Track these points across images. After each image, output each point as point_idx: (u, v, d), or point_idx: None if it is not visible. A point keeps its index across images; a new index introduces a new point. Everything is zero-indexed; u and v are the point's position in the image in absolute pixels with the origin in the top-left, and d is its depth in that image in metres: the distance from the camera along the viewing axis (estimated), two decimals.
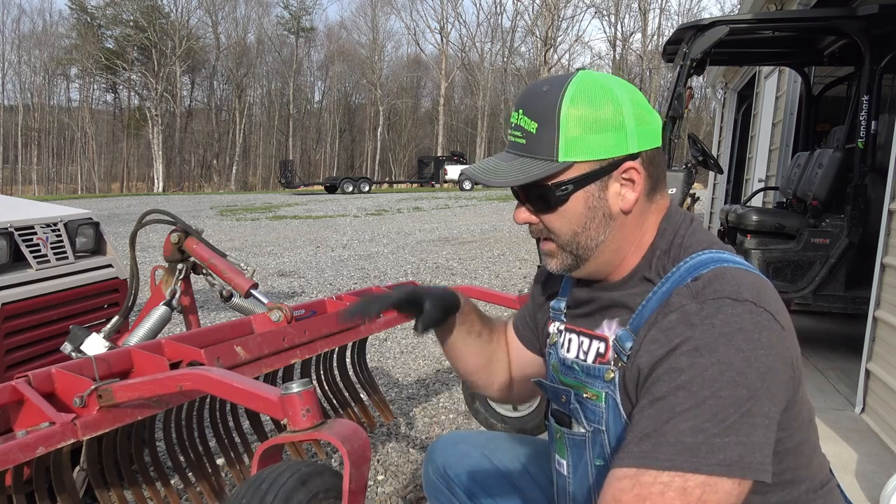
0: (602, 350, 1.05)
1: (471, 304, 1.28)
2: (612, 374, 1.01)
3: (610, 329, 1.05)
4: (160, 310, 2.31)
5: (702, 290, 0.91)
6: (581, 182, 0.98)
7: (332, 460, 2.66)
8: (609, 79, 1.01)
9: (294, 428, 1.06)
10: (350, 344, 2.73)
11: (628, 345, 0.99)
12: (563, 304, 1.19)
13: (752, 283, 0.92)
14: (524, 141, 0.99)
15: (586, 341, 1.09)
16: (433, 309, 1.16)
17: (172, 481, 2.12)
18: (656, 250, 1.03)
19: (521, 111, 1.00)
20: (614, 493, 0.85)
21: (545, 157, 0.98)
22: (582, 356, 1.09)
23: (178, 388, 1.37)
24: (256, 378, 1.87)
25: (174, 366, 1.69)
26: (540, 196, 1.01)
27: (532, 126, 0.98)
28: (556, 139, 0.97)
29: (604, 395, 1.02)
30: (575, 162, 0.97)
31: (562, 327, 1.18)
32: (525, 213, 1.05)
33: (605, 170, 0.99)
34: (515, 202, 1.08)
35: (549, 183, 0.99)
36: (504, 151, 1.04)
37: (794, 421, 0.95)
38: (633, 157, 0.99)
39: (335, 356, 2.75)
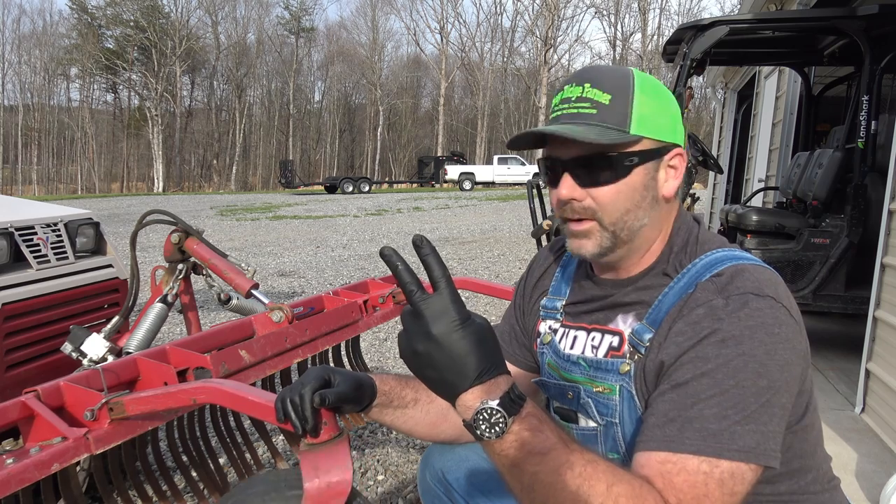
0: (616, 344, 1.07)
1: (390, 379, 1.17)
2: (627, 367, 1.03)
3: (626, 323, 1.07)
4: (157, 307, 2.31)
5: (726, 286, 0.96)
6: (645, 157, 1.02)
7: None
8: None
9: (309, 442, 1.07)
10: (344, 343, 2.72)
11: (646, 336, 1.01)
12: (559, 303, 1.19)
13: (770, 280, 0.97)
14: (595, 111, 1.00)
15: (598, 336, 1.10)
16: (345, 383, 1.05)
17: (175, 478, 2.12)
18: (673, 246, 1.07)
19: (586, 85, 1.01)
20: (645, 474, 0.87)
21: (617, 127, 1.00)
22: (591, 352, 1.10)
23: (191, 401, 1.35)
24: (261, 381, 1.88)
25: (180, 372, 1.69)
26: (603, 166, 1.00)
27: (604, 98, 1.00)
28: (629, 112, 1.00)
29: (618, 388, 1.04)
30: (643, 137, 1.01)
31: (557, 325, 1.18)
32: (571, 188, 1.02)
33: (661, 151, 1.04)
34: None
35: (620, 152, 1.00)
36: (559, 124, 1.02)
37: (800, 403, 0.98)
38: (677, 146, 1.07)
39: (331, 355, 2.74)
